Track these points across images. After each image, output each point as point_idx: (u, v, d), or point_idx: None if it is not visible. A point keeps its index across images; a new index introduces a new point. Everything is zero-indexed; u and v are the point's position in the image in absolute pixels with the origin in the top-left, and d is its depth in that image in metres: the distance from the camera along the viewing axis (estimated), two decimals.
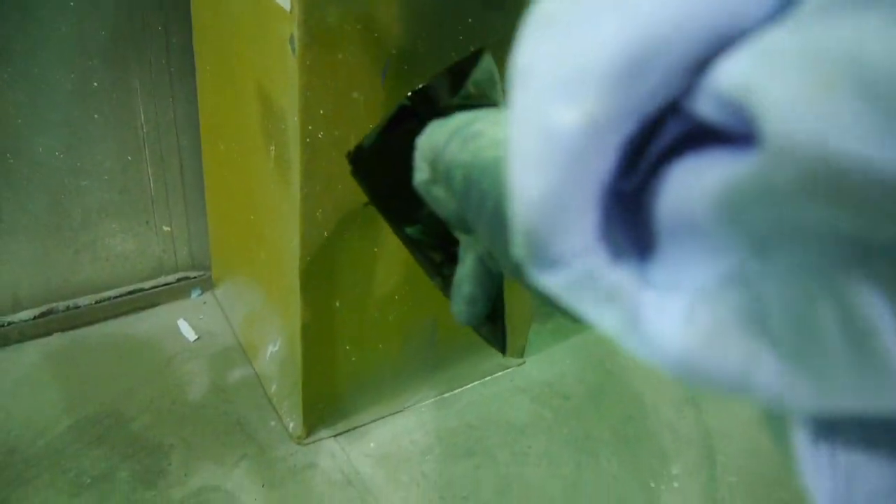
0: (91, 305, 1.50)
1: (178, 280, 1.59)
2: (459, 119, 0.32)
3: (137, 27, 1.29)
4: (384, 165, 0.39)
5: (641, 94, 0.17)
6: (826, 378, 0.16)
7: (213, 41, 1.22)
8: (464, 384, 1.47)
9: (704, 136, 0.18)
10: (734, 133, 0.17)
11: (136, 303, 1.55)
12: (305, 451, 1.30)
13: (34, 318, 1.45)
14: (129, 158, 1.40)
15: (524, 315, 1.49)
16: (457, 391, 1.46)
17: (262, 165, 1.12)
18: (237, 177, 1.28)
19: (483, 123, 0.31)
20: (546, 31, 0.18)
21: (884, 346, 0.15)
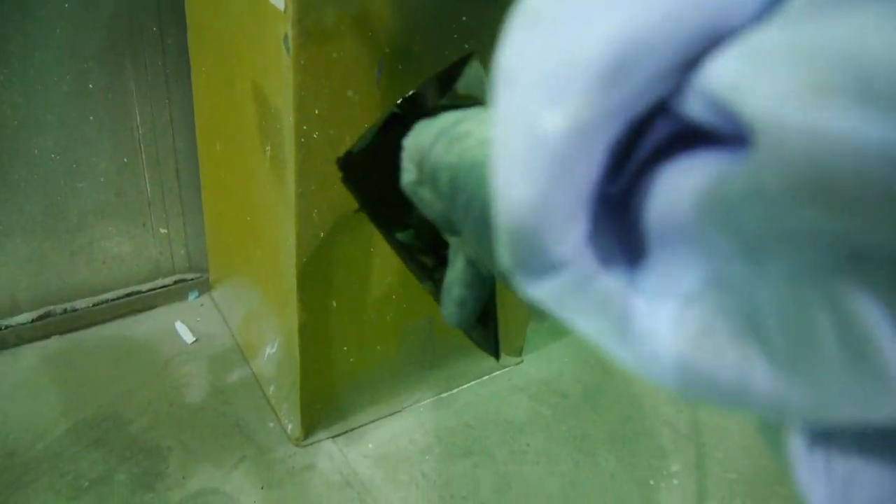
0: (88, 308, 1.50)
1: (176, 282, 1.58)
2: (446, 119, 0.32)
3: (133, 29, 1.29)
4: (374, 171, 0.39)
5: (629, 95, 0.16)
6: (822, 386, 0.15)
7: (209, 42, 1.22)
8: (461, 384, 1.47)
9: (693, 137, 0.17)
10: (723, 133, 0.16)
11: (134, 305, 1.54)
12: (304, 453, 1.30)
13: (32, 322, 1.44)
14: (125, 160, 1.40)
15: (521, 314, 1.49)
16: (455, 391, 1.46)
17: (258, 166, 1.12)
18: (233, 178, 1.28)
19: (470, 123, 0.30)
20: (530, 31, 0.17)
21: (881, 354, 0.14)
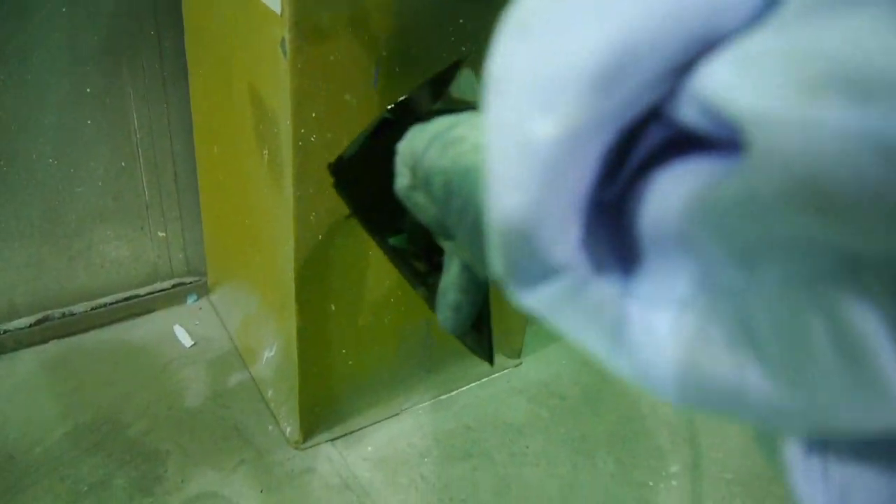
0: (87, 312, 1.50)
1: (174, 286, 1.58)
2: (440, 123, 0.31)
3: (130, 32, 1.29)
4: (366, 177, 0.39)
5: (621, 102, 0.16)
6: (817, 394, 0.15)
7: (206, 45, 1.22)
8: (460, 386, 1.47)
9: (687, 143, 0.17)
10: (717, 139, 0.16)
11: (132, 309, 1.54)
12: (303, 456, 1.30)
13: (30, 326, 1.44)
14: (123, 164, 1.40)
15: (520, 316, 1.49)
16: (453, 393, 1.46)
17: (256, 169, 1.12)
18: (231, 181, 1.28)
19: (464, 128, 0.30)
20: (521, 38, 0.17)
21: (876, 362, 0.14)
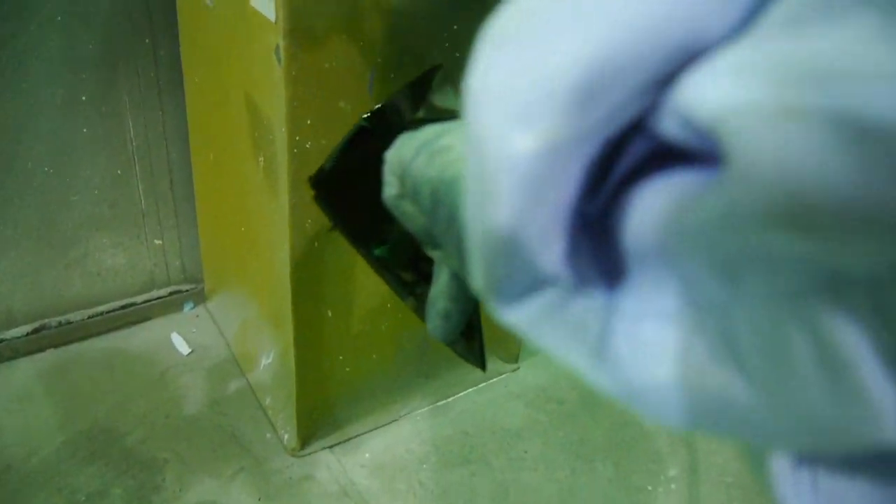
0: (83, 320, 1.49)
1: (171, 293, 1.58)
2: (428, 132, 0.31)
3: (125, 40, 1.29)
4: (346, 187, 0.39)
5: (603, 115, 0.16)
6: (801, 410, 0.15)
7: (201, 53, 1.22)
8: (458, 391, 1.47)
9: (671, 156, 0.17)
10: (698, 152, 0.16)
11: (129, 317, 1.54)
12: (301, 463, 1.29)
13: (27, 335, 1.44)
14: (119, 172, 1.40)
15: None
16: (451, 399, 1.46)
17: (252, 176, 1.12)
18: (228, 188, 1.28)
19: (451, 137, 0.30)
20: (500, 52, 0.17)
21: (859, 377, 0.14)
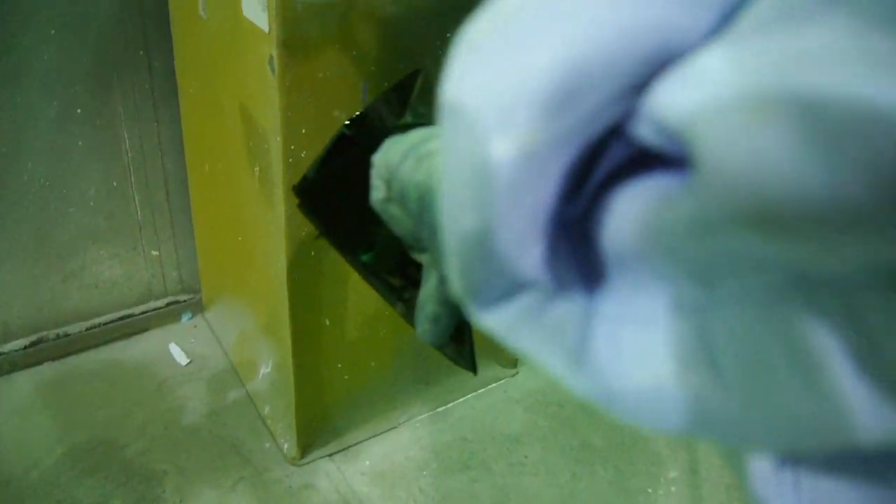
0: (81, 333, 1.49)
1: (168, 304, 1.58)
2: (414, 136, 0.31)
3: (119, 53, 1.29)
4: (331, 194, 0.39)
5: (580, 120, 0.16)
6: (775, 412, 0.15)
7: (195, 63, 1.23)
8: (457, 397, 1.47)
9: (649, 160, 0.17)
10: (673, 157, 0.16)
11: (127, 329, 1.54)
12: (301, 472, 1.29)
13: (25, 348, 1.44)
14: (115, 184, 1.40)
15: None
16: (450, 405, 1.46)
17: (248, 186, 1.12)
18: (224, 198, 1.29)
19: (437, 141, 0.30)
20: (475, 58, 0.17)
21: (833, 381, 0.14)
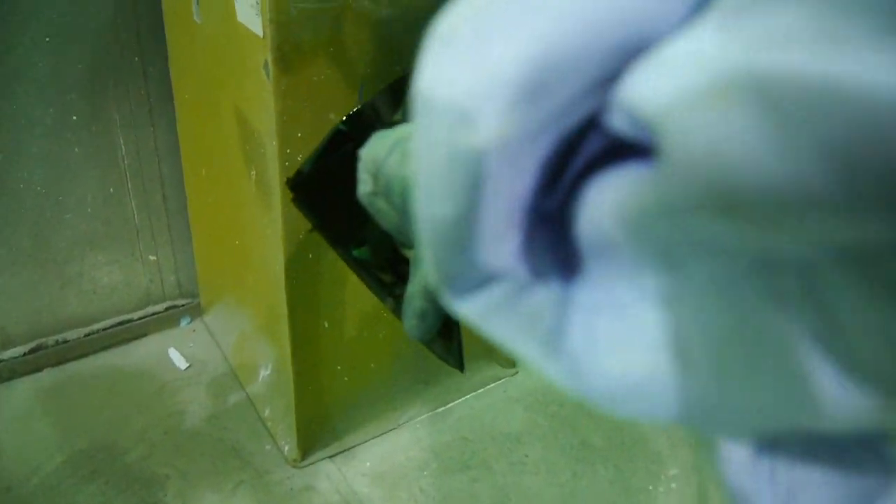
0: (80, 339, 1.49)
1: (167, 309, 1.58)
2: (401, 130, 0.31)
3: (114, 59, 1.29)
4: (325, 189, 0.39)
5: (553, 110, 0.16)
6: (744, 399, 0.15)
7: (190, 69, 1.23)
8: (456, 397, 1.47)
9: (624, 151, 0.17)
10: (646, 146, 0.16)
11: (126, 334, 1.54)
12: (302, 474, 1.29)
13: (24, 355, 1.44)
14: (112, 190, 1.40)
15: None
16: (450, 405, 1.46)
17: (245, 190, 1.12)
18: (221, 202, 1.29)
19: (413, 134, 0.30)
20: (447, 50, 0.17)
21: (800, 364, 0.14)
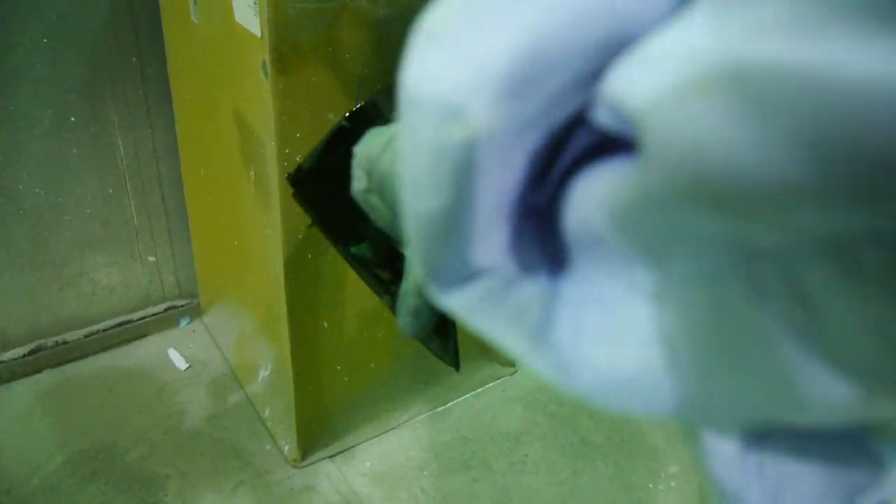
0: (80, 340, 1.49)
1: (166, 309, 1.58)
2: (396, 128, 0.31)
3: (112, 61, 1.29)
4: (325, 185, 0.39)
5: (539, 105, 0.16)
6: (729, 392, 0.15)
7: (188, 69, 1.23)
8: (456, 397, 1.47)
9: (612, 146, 0.17)
10: (631, 141, 0.16)
11: (125, 335, 1.54)
12: (302, 474, 1.29)
13: (23, 356, 1.44)
14: (111, 191, 1.40)
15: None
16: (450, 404, 1.46)
17: (243, 190, 1.12)
18: (219, 203, 1.29)
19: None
20: (432, 46, 0.17)
21: (782, 356, 0.14)
